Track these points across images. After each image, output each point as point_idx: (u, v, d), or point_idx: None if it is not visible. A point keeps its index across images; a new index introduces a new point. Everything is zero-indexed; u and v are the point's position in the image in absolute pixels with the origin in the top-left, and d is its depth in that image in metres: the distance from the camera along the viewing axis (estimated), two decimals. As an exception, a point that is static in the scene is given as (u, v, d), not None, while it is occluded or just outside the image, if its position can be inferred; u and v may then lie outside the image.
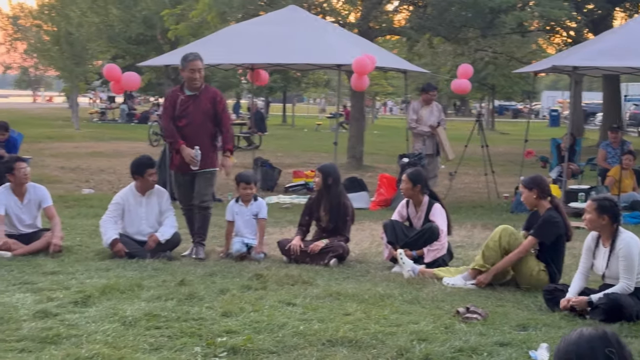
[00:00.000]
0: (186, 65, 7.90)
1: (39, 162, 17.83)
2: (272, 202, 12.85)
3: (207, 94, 8.02)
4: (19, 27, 64.85)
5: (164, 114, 8.18)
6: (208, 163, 8.01)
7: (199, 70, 7.90)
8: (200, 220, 8.03)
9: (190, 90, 7.97)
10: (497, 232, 6.86)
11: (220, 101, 8.10)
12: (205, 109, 7.95)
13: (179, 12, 19.48)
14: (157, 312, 5.61)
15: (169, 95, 8.22)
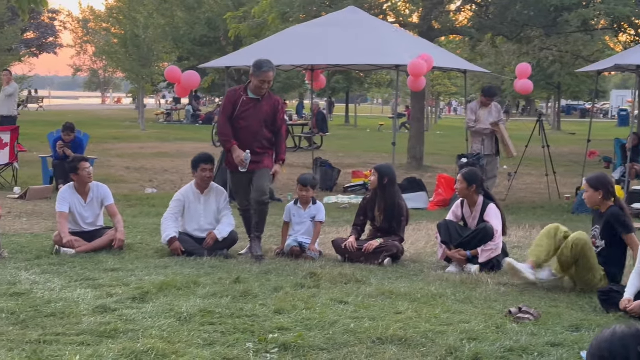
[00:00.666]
0: (259, 74, 7.87)
1: (105, 163, 18.26)
2: (331, 202, 12.94)
3: (269, 101, 8.03)
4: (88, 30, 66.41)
5: (222, 112, 8.16)
6: (267, 162, 8.04)
7: (269, 82, 7.93)
8: (257, 216, 8.00)
9: (254, 94, 7.98)
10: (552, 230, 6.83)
11: (281, 110, 8.14)
12: (266, 115, 7.96)
13: (242, 14, 19.71)
14: (212, 309, 5.74)
15: (230, 94, 8.14)
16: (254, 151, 7.91)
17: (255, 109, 7.93)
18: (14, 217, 10.49)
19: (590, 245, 6.63)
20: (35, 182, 13.84)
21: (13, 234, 9.14)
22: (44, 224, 9.94)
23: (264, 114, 7.95)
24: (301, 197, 8.29)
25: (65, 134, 12.95)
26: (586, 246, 6.57)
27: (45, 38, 52.18)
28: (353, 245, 7.88)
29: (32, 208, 11.38)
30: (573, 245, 6.56)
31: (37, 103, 55.79)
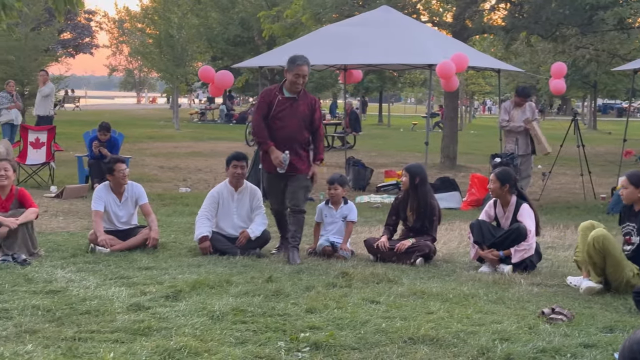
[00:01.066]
0: (293, 68, 7.73)
1: (140, 162, 18.43)
2: (363, 201, 12.94)
3: (305, 99, 7.88)
4: (124, 31, 67.04)
5: (257, 111, 8.01)
6: (303, 168, 7.91)
7: (304, 76, 7.76)
8: (294, 224, 7.91)
9: (290, 93, 7.83)
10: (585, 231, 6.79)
11: (318, 109, 7.98)
12: (303, 114, 7.82)
13: (275, 13, 19.77)
14: (244, 307, 5.77)
15: (265, 94, 7.96)
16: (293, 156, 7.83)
17: (291, 108, 7.79)
18: (50, 216, 10.63)
19: (611, 239, 6.58)
20: (71, 181, 14.01)
21: (49, 232, 9.27)
22: (80, 223, 10.07)
23: (301, 113, 7.80)
24: (331, 195, 8.30)
25: (101, 133, 13.11)
26: (606, 240, 6.53)
27: (82, 39, 52.76)
28: (385, 245, 7.88)
29: (68, 207, 11.53)
30: (594, 243, 6.52)
31: (73, 103, 56.42)
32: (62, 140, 20.41)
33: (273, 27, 19.28)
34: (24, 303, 5.78)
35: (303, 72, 7.71)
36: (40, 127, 15.36)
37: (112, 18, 69.98)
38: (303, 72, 7.71)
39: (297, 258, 7.71)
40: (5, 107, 17.85)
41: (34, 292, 6.16)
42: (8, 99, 17.93)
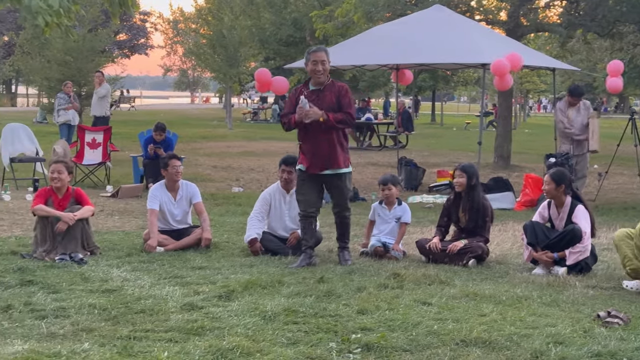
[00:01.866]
0: (309, 57, 7.50)
1: (193, 161, 18.61)
2: (415, 201, 12.89)
3: (332, 89, 7.51)
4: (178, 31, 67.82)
5: (285, 107, 7.83)
6: (337, 163, 7.56)
7: (322, 62, 7.41)
8: (341, 227, 7.79)
9: (315, 85, 7.54)
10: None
11: (345, 95, 7.52)
12: (330, 104, 7.43)
13: (327, 13, 19.80)
14: (296, 308, 5.80)
15: (292, 92, 7.78)
16: (321, 149, 7.50)
17: (318, 100, 7.48)
18: (106, 215, 10.81)
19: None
20: (126, 181, 14.22)
21: (105, 231, 9.42)
22: (135, 222, 10.22)
23: (328, 103, 7.44)
24: (385, 196, 8.29)
25: (156, 133, 13.29)
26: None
27: (137, 39, 53.52)
28: (437, 246, 7.84)
29: (124, 206, 11.70)
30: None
31: (129, 103, 57.27)
32: (117, 140, 20.71)
33: (326, 26, 19.29)
34: (80, 302, 5.90)
35: (320, 58, 7.42)
36: (96, 128, 15.63)
37: (167, 19, 70.83)
38: (320, 58, 7.42)
39: (348, 258, 7.67)
40: (63, 107, 18.20)
41: (91, 290, 6.28)
42: (66, 100, 18.27)
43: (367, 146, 25.86)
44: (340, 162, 7.58)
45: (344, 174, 7.64)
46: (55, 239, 7.60)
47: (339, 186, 7.66)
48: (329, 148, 7.51)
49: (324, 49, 7.60)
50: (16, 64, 41.63)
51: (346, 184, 7.69)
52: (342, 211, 7.73)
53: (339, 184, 7.65)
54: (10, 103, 58.24)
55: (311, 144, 7.57)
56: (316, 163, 7.55)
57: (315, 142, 7.53)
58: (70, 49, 31.63)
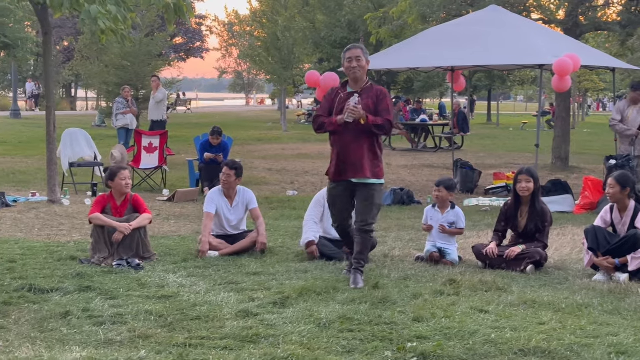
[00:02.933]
0: (344, 56, 7.04)
1: (249, 164, 18.68)
2: (471, 204, 12.75)
3: (370, 92, 6.96)
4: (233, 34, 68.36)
5: (319, 108, 7.31)
6: (365, 171, 6.92)
7: (357, 59, 6.90)
8: (359, 244, 7.01)
9: (353, 87, 7.03)
10: None
11: (383, 99, 6.95)
12: (366, 108, 6.84)
13: (381, 15, 19.72)
14: (351, 315, 5.76)
15: (328, 92, 7.29)
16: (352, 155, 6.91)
17: None
18: (162, 220, 10.91)
19: None
20: (182, 185, 14.36)
21: (162, 236, 9.51)
22: (191, 226, 10.29)
23: (364, 107, 6.83)
24: (435, 197, 8.19)
25: (213, 137, 13.39)
26: None
27: (193, 43, 54.06)
28: (494, 251, 7.72)
29: (180, 210, 11.80)
30: None
31: (185, 106, 57.85)
32: (173, 144, 20.93)
33: (380, 31, 19.22)
34: (137, 308, 5.95)
35: (355, 54, 6.92)
36: (153, 132, 15.81)
37: (222, 21, 71.42)
38: (355, 54, 6.92)
39: (360, 281, 6.83)
40: (121, 112, 18.46)
41: (147, 297, 6.33)
42: (124, 104, 18.54)
43: (422, 147, 25.70)
44: (368, 171, 6.92)
45: (372, 185, 6.97)
46: (112, 247, 7.69)
47: (366, 198, 6.95)
48: (359, 154, 6.90)
49: (360, 46, 7.08)
50: (75, 68, 42.42)
51: (374, 198, 6.96)
52: (363, 226, 6.96)
53: (366, 195, 6.95)
54: (70, 107, 59.29)
55: (342, 149, 6.97)
56: (344, 169, 6.98)
57: (347, 147, 6.94)
58: (127, 54, 32.08)
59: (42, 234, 9.55)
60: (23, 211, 11.21)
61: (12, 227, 10.06)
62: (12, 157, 20.13)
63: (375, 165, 6.98)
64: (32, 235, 9.45)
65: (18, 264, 7.51)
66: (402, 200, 12.76)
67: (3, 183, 14.57)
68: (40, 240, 9.03)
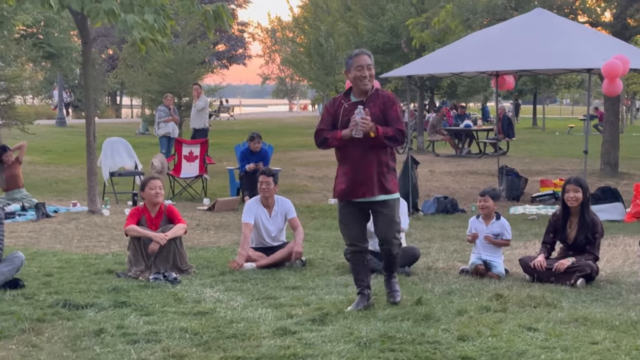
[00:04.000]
0: (352, 62, 6.26)
1: (290, 172, 18.54)
2: (518, 212, 12.43)
3: (376, 100, 6.25)
4: (276, 40, 68.53)
5: (319, 123, 6.52)
6: (382, 188, 6.27)
7: (369, 67, 6.20)
8: (387, 258, 6.56)
9: (357, 96, 6.29)
10: None
11: (391, 106, 6.24)
12: (374, 118, 6.14)
13: (423, 20, 19.43)
14: (392, 333, 5.54)
15: (329, 103, 6.49)
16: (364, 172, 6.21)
17: None
18: (202, 230, 10.78)
19: None
20: (223, 194, 14.24)
21: (200, 247, 9.37)
22: (230, 237, 10.14)
23: (372, 117, 6.12)
24: (481, 208, 7.90)
25: (253, 142, 13.27)
26: None
27: (235, 50, 54.21)
28: (542, 264, 7.41)
29: (220, 220, 11.67)
30: None
31: (228, 112, 58.04)
32: (216, 151, 20.90)
33: (422, 35, 18.92)
34: (172, 325, 5.80)
35: (366, 62, 6.18)
36: (193, 141, 15.75)
37: (265, 28, 71.66)
38: (366, 62, 6.18)
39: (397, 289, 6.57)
40: (163, 120, 18.45)
41: (183, 313, 6.18)
42: (166, 112, 18.52)
43: (467, 153, 25.32)
44: (381, 187, 6.26)
45: (390, 201, 6.34)
46: (148, 259, 7.56)
47: (385, 215, 6.33)
48: (369, 171, 6.21)
49: (368, 52, 6.33)
50: (120, 76, 42.79)
51: (394, 213, 6.37)
52: (390, 247, 6.43)
53: (385, 212, 6.32)
54: (115, 114, 59.90)
55: (352, 165, 6.24)
56: (357, 188, 6.25)
57: (355, 163, 6.22)
58: (170, 62, 32.17)
59: (80, 246, 9.48)
60: (63, 222, 11.18)
61: (51, 238, 10.02)
62: (56, 166, 20.27)
63: (389, 180, 6.29)
64: (71, 247, 9.38)
65: (54, 278, 7.43)
66: (445, 208, 12.48)
67: (45, 192, 14.61)
68: (79, 252, 8.96)
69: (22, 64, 28.91)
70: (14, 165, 12.51)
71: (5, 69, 24.74)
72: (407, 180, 12.53)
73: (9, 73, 24.72)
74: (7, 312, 6.16)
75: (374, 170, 6.22)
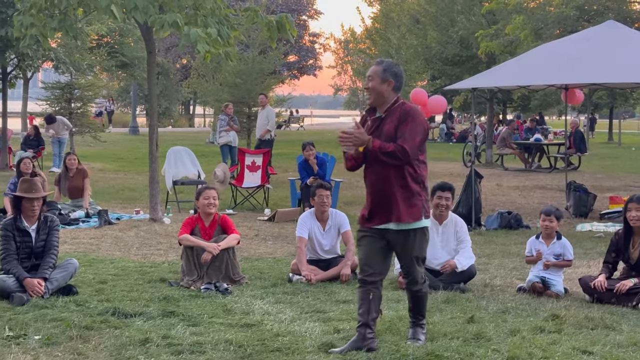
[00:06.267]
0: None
1: (354, 184, 18.41)
2: (584, 230, 12.07)
3: (394, 115, 5.53)
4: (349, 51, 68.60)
5: None
6: (399, 214, 5.47)
7: (369, 79, 5.65)
8: (412, 301, 5.83)
9: (379, 111, 5.68)
10: None
11: (406, 121, 5.45)
12: (387, 135, 5.47)
13: (493, 31, 19.17)
14: (440, 352, 5.39)
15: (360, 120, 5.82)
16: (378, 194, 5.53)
17: (377, 130, 5.56)
18: (260, 240, 10.77)
19: None
20: (284, 204, 14.23)
21: (256, 257, 9.35)
22: (287, 248, 10.09)
23: (385, 134, 5.47)
24: (544, 228, 7.67)
25: (305, 151, 13.25)
26: None
27: (306, 61, 54.44)
28: (603, 284, 7.15)
29: (279, 230, 11.64)
30: None
31: (297, 123, 58.27)
32: (282, 161, 20.97)
33: (490, 44, 18.69)
34: (218, 336, 5.77)
35: (368, 73, 5.68)
36: (256, 151, 15.79)
37: (338, 39, 71.79)
38: (368, 73, 5.68)
39: (421, 338, 5.73)
40: (224, 129, 18.58)
41: (230, 324, 6.14)
42: (226, 122, 18.64)
43: (536, 168, 24.81)
44: (402, 213, 5.47)
45: (411, 231, 5.54)
46: (201, 269, 7.57)
47: (405, 247, 5.58)
48: (386, 193, 5.49)
49: (381, 61, 5.73)
50: (192, 86, 43.45)
51: (416, 245, 5.58)
52: (411, 284, 5.73)
53: (405, 243, 5.57)
54: (188, 123, 60.80)
55: (368, 189, 5.65)
56: (372, 214, 5.60)
57: (372, 186, 5.60)
58: (240, 72, 32.55)
59: (139, 254, 9.56)
60: (124, 229, 11.32)
61: (111, 245, 10.14)
62: (125, 174, 20.60)
63: (412, 204, 5.47)
64: (129, 255, 9.47)
65: (108, 285, 7.49)
66: (509, 224, 12.19)
67: (112, 200, 14.85)
68: (136, 260, 9.03)
69: (97, 73, 29.63)
70: (77, 178, 12.70)
71: (80, 78, 25.35)
72: (470, 194, 12.31)
73: (83, 82, 25.35)
74: (58, 318, 6.22)
75: (391, 194, 5.45)
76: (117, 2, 9.98)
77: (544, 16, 16.96)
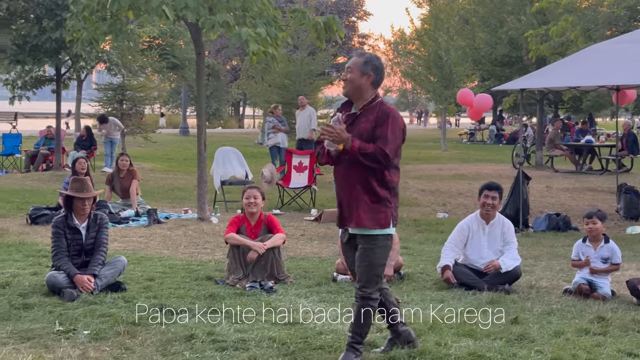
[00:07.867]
0: None
1: (402, 185, 18.34)
2: (635, 232, 11.91)
3: (369, 115, 5.21)
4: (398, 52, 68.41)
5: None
6: (360, 218, 5.18)
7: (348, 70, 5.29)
8: (354, 313, 5.33)
9: (357, 107, 5.33)
10: None
11: (384, 123, 5.13)
12: (361, 132, 5.15)
13: (543, 32, 18.97)
14: (483, 353, 5.40)
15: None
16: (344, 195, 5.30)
17: (350, 126, 5.21)
18: (306, 240, 10.84)
19: None
20: (331, 205, 14.25)
21: (302, 257, 9.42)
22: (332, 248, 10.13)
23: (359, 132, 5.15)
24: (588, 230, 7.59)
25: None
26: None
27: (354, 62, 54.42)
28: (649, 289, 7.06)
29: (325, 231, 11.69)
30: None
31: (346, 124, 58.16)
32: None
33: (540, 47, 18.48)
34: (262, 334, 5.84)
35: (347, 64, 5.32)
36: (303, 151, 15.86)
37: (388, 40, 71.68)
38: (347, 64, 5.32)
39: None
40: (271, 130, 18.70)
41: (274, 322, 6.23)
42: (275, 123, 18.76)
43: (587, 170, 24.48)
44: (363, 217, 5.17)
45: (370, 238, 5.21)
46: (246, 267, 7.65)
47: (361, 254, 5.23)
48: (351, 194, 5.22)
49: (361, 54, 5.38)
50: (242, 87, 43.82)
51: (372, 255, 5.20)
52: (358, 290, 5.29)
53: (362, 250, 5.23)
54: (238, 124, 61.27)
55: (336, 185, 5.41)
56: (340, 213, 5.41)
57: (340, 184, 5.35)
58: (289, 73, 32.78)
59: (186, 252, 9.70)
60: (173, 228, 11.47)
61: (160, 244, 10.29)
62: (175, 174, 20.85)
63: (376, 210, 5.16)
64: (177, 253, 9.61)
65: (155, 283, 7.62)
66: (557, 226, 12.09)
67: (161, 199, 15.06)
68: (183, 259, 9.17)
69: (149, 75, 30.05)
70: (127, 179, 12.92)
71: (132, 80, 25.73)
72: (518, 196, 12.24)
73: (135, 83, 25.73)
74: (106, 314, 6.36)
75: (355, 195, 5.17)
76: (169, 2, 10.13)
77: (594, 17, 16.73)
